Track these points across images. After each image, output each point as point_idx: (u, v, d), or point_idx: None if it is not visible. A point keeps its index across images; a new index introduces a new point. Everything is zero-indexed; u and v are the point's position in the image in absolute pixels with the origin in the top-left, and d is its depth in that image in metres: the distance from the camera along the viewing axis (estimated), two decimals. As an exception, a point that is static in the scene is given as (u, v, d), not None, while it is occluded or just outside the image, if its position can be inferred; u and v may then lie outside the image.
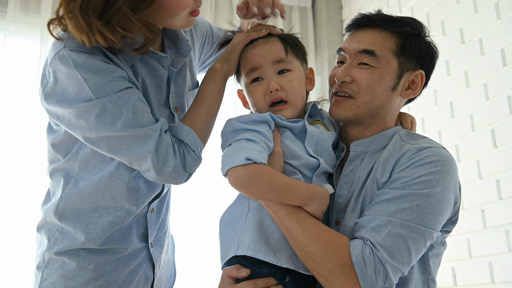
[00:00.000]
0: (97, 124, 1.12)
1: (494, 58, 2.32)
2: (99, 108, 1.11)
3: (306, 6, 3.71)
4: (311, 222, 1.11)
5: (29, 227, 2.44)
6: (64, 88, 1.13)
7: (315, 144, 1.22)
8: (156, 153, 1.15)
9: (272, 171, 1.12)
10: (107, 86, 1.12)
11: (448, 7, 2.64)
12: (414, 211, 1.08)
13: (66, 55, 1.13)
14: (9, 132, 2.78)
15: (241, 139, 1.15)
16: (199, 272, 2.80)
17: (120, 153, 1.15)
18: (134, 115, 1.13)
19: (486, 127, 2.34)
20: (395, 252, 1.06)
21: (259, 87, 1.24)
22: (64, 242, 1.23)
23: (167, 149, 1.16)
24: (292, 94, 1.24)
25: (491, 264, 2.24)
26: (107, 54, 1.17)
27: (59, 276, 1.22)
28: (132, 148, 1.14)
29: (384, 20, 1.27)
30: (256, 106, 1.26)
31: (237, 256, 1.14)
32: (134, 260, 1.29)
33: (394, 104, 1.27)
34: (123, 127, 1.12)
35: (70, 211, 1.24)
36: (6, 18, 2.88)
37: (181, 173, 1.19)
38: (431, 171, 1.12)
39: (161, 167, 1.16)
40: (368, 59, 1.23)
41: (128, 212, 1.25)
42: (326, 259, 1.06)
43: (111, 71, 1.14)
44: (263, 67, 1.24)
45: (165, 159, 1.16)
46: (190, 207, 2.86)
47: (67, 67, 1.12)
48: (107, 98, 1.11)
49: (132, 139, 1.13)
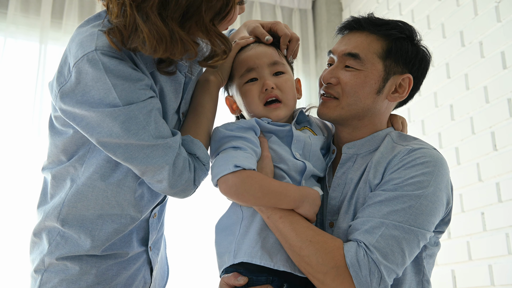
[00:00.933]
0: (121, 131, 1.09)
1: (494, 61, 2.32)
2: (125, 115, 1.09)
3: (306, 8, 3.72)
4: (305, 225, 1.12)
5: (29, 228, 2.43)
6: (87, 90, 1.08)
7: (302, 148, 1.23)
8: (174, 165, 1.14)
9: (262, 176, 1.13)
10: (135, 94, 1.10)
11: (448, 9, 2.64)
12: (406, 212, 1.09)
13: (97, 58, 1.08)
14: (8, 133, 2.78)
15: (228, 148, 1.16)
16: (194, 274, 2.79)
17: (136, 162, 1.13)
18: (156, 125, 1.13)
19: (486, 130, 2.34)
20: (389, 253, 1.06)
21: (254, 86, 1.25)
22: (66, 247, 1.21)
23: (184, 162, 1.15)
24: (287, 94, 1.26)
25: (491, 266, 2.24)
26: (134, 59, 1.15)
27: (61, 280, 1.20)
28: (150, 158, 1.12)
29: (372, 23, 1.28)
30: (250, 105, 1.26)
31: (235, 264, 1.14)
32: (134, 264, 1.28)
33: (380, 107, 1.27)
34: (148, 137, 1.11)
35: (73, 217, 1.21)
36: (7, 19, 2.88)
37: (191, 186, 1.19)
38: (422, 172, 1.12)
39: (176, 179, 1.15)
40: (353, 62, 1.25)
41: (133, 219, 1.24)
42: (321, 262, 1.07)
43: (139, 79, 1.12)
44: (259, 68, 1.26)
45: (182, 172, 1.15)
46: (186, 209, 2.85)
47: (96, 70, 1.07)
48: (134, 106, 1.09)
49: (152, 149, 1.12)
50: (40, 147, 2.65)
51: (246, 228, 1.17)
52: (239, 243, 1.15)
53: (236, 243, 1.15)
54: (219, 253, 1.20)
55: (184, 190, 1.19)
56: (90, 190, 1.21)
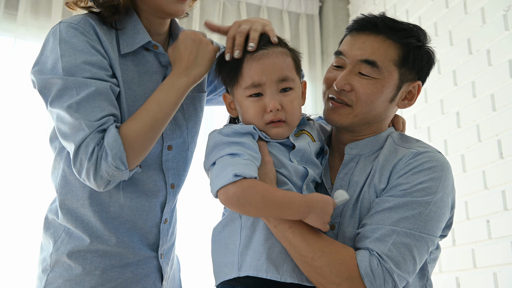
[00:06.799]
0: (55, 98, 1.14)
1: (501, 69, 2.32)
2: (62, 84, 1.13)
3: (313, 13, 3.73)
4: (316, 235, 1.09)
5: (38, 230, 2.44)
6: (46, 59, 1.17)
7: (301, 156, 1.18)
8: (78, 149, 1.11)
9: (264, 186, 1.06)
10: (78, 68, 1.14)
11: (456, 17, 2.65)
12: (417, 219, 1.09)
13: (58, 29, 1.18)
14: (18, 134, 2.79)
15: (224, 155, 1.09)
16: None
17: (60, 133, 1.16)
18: (86, 103, 1.12)
19: (492, 138, 2.34)
20: (401, 262, 1.06)
21: (257, 103, 1.16)
22: (71, 243, 1.22)
23: (86, 149, 1.11)
24: (291, 115, 1.17)
25: (495, 274, 2.24)
26: (99, 35, 1.19)
27: (65, 281, 1.20)
28: (65, 135, 1.14)
29: (389, 27, 1.21)
30: (250, 121, 1.17)
31: (241, 277, 1.10)
32: (143, 269, 1.27)
33: (390, 113, 1.27)
34: (68, 107, 1.12)
35: (67, 210, 1.23)
36: (17, 21, 2.90)
37: (93, 177, 1.12)
38: (430, 177, 1.12)
39: (78, 165, 1.12)
40: (369, 70, 1.19)
41: (121, 207, 1.23)
42: (334, 273, 1.05)
43: (90, 55, 1.16)
44: (266, 85, 1.15)
45: (81, 158, 1.11)
46: (194, 218, 2.85)
47: (54, 41, 1.17)
48: (72, 78, 1.13)
49: (69, 127, 1.12)
50: (49, 148, 2.66)
51: (248, 238, 1.12)
52: (243, 254, 1.10)
53: (239, 255, 1.11)
54: (218, 263, 1.15)
55: (88, 180, 1.13)
56: (73, 179, 1.23)
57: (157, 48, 1.28)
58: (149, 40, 1.26)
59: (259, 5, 3.56)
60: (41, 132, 2.79)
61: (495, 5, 2.40)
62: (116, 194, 1.24)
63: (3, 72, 2.80)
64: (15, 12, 2.93)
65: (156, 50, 1.28)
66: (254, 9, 3.55)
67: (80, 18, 1.20)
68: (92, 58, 1.16)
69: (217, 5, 3.41)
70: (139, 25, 1.26)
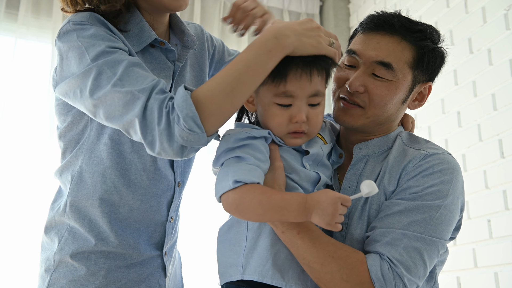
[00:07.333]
0: (94, 88, 1.07)
1: (502, 69, 2.32)
2: (95, 71, 1.07)
3: (313, 13, 3.73)
4: (325, 240, 1.07)
5: (38, 228, 2.44)
6: (68, 62, 1.12)
7: (313, 160, 1.17)
8: (143, 118, 1.02)
9: (262, 190, 1.03)
10: (105, 53, 1.09)
11: (456, 16, 2.64)
12: (427, 223, 1.07)
13: (70, 28, 1.13)
14: (20, 134, 2.79)
15: (231, 157, 1.08)
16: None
17: (115, 120, 1.07)
18: (127, 76, 1.05)
19: (493, 137, 2.34)
20: (412, 266, 1.05)
21: (285, 112, 1.11)
22: (75, 243, 1.21)
23: (152, 115, 1.02)
24: (314, 128, 1.14)
25: (496, 274, 2.24)
26: (111, 29, 1.16)
27: (69, 281, 1.20)
28: (123, 114, 1.04)
29: (406, 28, 1.18)
30: (271, 128, 1.13)
31: (244, 280, 1.10)
32: (147, 268, 1.26)
33: (401, 114, 1.26)
34: (113, 86, 1.05)
35: (76, 208, 1.22)
36: (18, 21, 2.90)
37: (168, 143, 1.02)
38: (441, 180, 1.10)
39: (148, 135, 1.03)
40: (384, 72, 1.16)
41: (131, 209, 1.23)
42: (345, 278, 1.03)
43: (113, 41, 1.12)
44: (297, 98, 1.10)
45: (151, 127, 1.02)
46: (197, 216, 2.84)
47: (70, 40, 1.12)
48: (102, 61, 1.07)
49: (123, 103, 1.04)
50: (51, 147, 2.67)
51: (254, 241, 1.11)
52: (248, 257, 1.10)
53: (244, 257, 1.10)
54: (223, 263, 1.15)
55: (162, 148, 1.03)
56: (88, 177, 1.22)
57: (164, 45, 1.26)
58: (156, 37, 1.24)
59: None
60: (42, 132, 2.79)
61: (496, 4, 2.40)
62: (127, 195, 1.24)
63: (4, 72, 2.80)
64: (16, 11, 2.93)
65: (162, 46, 1.27)
66: (255, 8, 3.54)
67: (87, 15, 1.16)
68: (115, 44, 1.12)
69: (218, 5, 3.40)
70: (143, 22, 1.23)
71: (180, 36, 1.33)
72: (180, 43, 1.33)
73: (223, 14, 3.40)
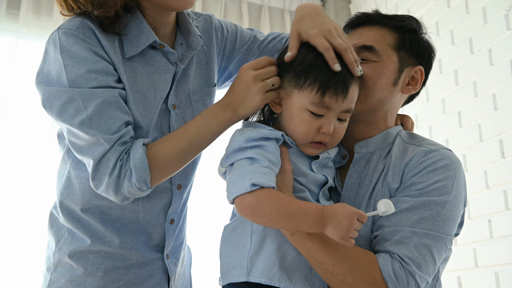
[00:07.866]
0: (60, 112, 1.10)
1: (503, 69, 2.32)
2: (67, 97, 1.09)
3: (315, 13, 3.72)
4: (335, 241, 1.06)
5: (42, 229, 2.45)
6: (49, 69, 1.13)
7: (319, 162, 1.17)
8: (99, 164, 1.08)
9: (279, 196, 1.03)
10: (83, 79, 1.10)
11: (457, 16, 2.65)
12: (435, 219, 1.08)
13: (57, 37, 1.13)
14: (20, 134, 2.80)
15: (243, 159, 1.07)
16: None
17: (73, 147, 1.12)
18: (98, 116, 1.09)
19: (494, 137, 2.34)
20: (423, 263, 1.06)
21: (315, 122, 1.11)
22: (73, 243, 1.21)
23: (107, 164, 1.08)
24: (335, 142, 1.16)
25: (497, 274, 2.24)
26: (99, 39, 1.15)
27: (67, 281, 1.20)
28: (84, 150, 1.10)
29: (382, 16, 1.27)
30: (296, 132, 1.13)
31: (248, 282, 1.10)
32: (146, 270, 1.25)
33: (395, 100, 1.26)
34: (81, 124, 1.08)
35: (68, 211, 1.22)
36: (19, 21, 2.90)
37: (113, 192, 1.10)
38: (445, 176, 1.12)
39: (97, 180, 1.09)
40: (368, 54, 1.22)
41: (123, 210, 1.22)
42: (357, 279, 1.03)
43: (94, 62, 1.12)
44: (332, 111, 1.11)
45: (103, 174, 1.09)
46: (207, 216, 2.83)
47: (55, 50, 1.13)
48: (78, 90, 1.09)
49: (86, 143, 1.09)
50: (52, 148, 2.67)
51: (259, 244, 1.10)
52: (253, 259, 1.09)
53: (249, 259, 1.09)
54: (226, 263, 1.15)
55: (108, 194, 1.11)
56: (76, 182, 1.22)
57: (163, 48, 1.24)
58: (154, 40, 1.22)
59: (260, 4, 3.56)
60: (43, 131, 2.80)
61: (497, 4, 2.40)
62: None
63: (5, 71, 2.81)
64: (17, 11, 2.94)
65: (162, 49, 1.25)
66: (256, 8, 3.55)
67: (78, 22, 1.15)
68: (97, 65, 1.12)
69: (219, 5, 3.41)
70: (143, 24, 1.20)
71: (186, 35, 1.30)
72: (185, 43, 1.30)
73: (223, 14, 3.41)
